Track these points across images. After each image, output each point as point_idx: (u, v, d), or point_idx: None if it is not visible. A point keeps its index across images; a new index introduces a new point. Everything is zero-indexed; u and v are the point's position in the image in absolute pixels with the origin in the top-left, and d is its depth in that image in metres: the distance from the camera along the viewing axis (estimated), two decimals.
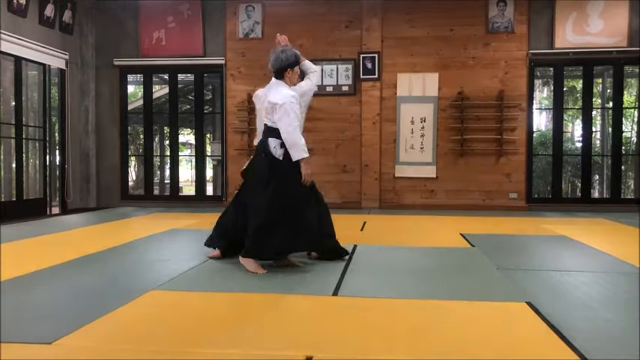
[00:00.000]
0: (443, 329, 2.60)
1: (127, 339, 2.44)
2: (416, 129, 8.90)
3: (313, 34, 9.08)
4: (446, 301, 3.10)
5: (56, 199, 9.04)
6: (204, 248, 4.76)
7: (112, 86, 9.63)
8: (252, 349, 2.30)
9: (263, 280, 3.67)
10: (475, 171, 8.88)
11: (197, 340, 2.42)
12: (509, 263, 4.24)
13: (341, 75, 9.05)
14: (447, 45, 8.88)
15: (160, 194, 11.88)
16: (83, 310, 2.89)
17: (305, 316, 2.81)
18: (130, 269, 4.06)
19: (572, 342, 2.38)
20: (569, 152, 11.40)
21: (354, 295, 3.23)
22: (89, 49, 9.44)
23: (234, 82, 9.29)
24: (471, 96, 8.82)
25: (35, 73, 8.60)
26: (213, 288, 3.44)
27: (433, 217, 7.65)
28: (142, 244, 5.18)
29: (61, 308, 2.95)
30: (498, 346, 2.35)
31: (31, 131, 8.46)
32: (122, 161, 9.75)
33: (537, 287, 3.44)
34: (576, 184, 11.46)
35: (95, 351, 2.28)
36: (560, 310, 2.88)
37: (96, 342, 2.39)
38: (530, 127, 8.98)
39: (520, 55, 8.77)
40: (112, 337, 2.46)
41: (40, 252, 4.75)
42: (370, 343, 2.40)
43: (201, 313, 2.89)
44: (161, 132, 14.53)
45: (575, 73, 11.28)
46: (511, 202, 8.82)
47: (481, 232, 6.10)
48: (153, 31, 9.38)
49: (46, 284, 3.50)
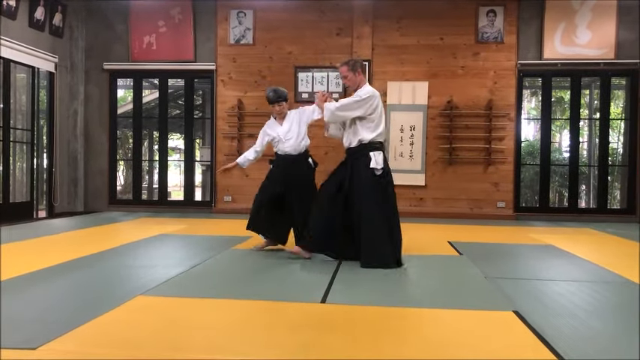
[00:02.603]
0: (430, 337, 2.61)
1: (113, 344, 2.42)
2: (405, 137, 8.94)
3: (304, 41, 9.11)
4: (433, 309, 3.11)
5: (43, 202, 8.98)
6: (191, 254, 4.75)
7: (102, 90, 9.58)
8: (239, 356, 2.29)
9: (251, 287, 3.66)
10: (463, 179, 8.92)
11: (184, 346, 2.41)
12: (496, 272, 4.26)
13: (331, 82, 9.08)
14: (436, 54, 8.94)
15: (149, 199, 11.82)
16: (69, 314, 2.87)
17: (293, 323, 2.80)
18: (117, 274, 4.04)
19: (558, 350, 2.40)
20: (557, 162, 11.51)
21: (343, 303, 3.22)
22: (79, 52, 9.40)
23: (224, 87, 9.29)
24: (460, 105, 8.88)
25: (24, 75, 8.54)
26: (200, 294, 3.42)
27: (421, 225, 7.67)
28: (130, 250, 5.15)
29: (46, 313, 2.92)
30: (485, 354, 2.36)
31: (19, 134, 8.39)
32: (110, 165, 9.70)
33: (524, 296, 3.46)
34: (563, 194, 11.55)
35: (81, 356, 2.26)
36: (546, 319, 2.90)
37: (82, 347, 2.37)
38: (519, 137, 9.05)
39: (509, 66, 8.85)
40: (98, 342, 2.44)
41: (26, 256, 4.70)
42: (358, 350, 2.39)
43: (188, 319, 2.87)
44: (150, 136, 14.47)
45: (563, 84, 11.37)
46: (499, 210, 8.87)
47: (469, 240, 6.12)
48: (144, 36, 9.36)
49: (31, 289, 3.47)
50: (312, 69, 9.09)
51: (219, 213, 9.11)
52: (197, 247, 5.35)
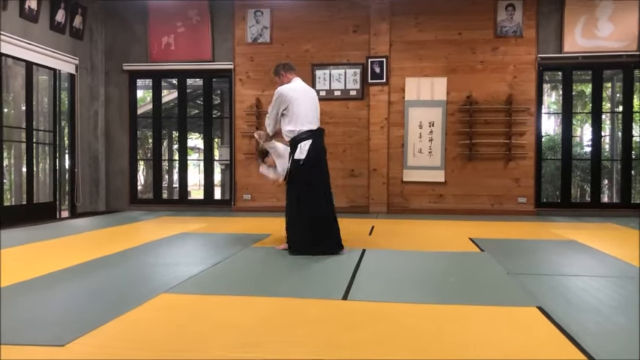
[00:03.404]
0: (453, 333, 2.60)
1: (138, 341, 2.45)
2: (424, 133, 8.90)
3: (321, 39, 9.11)
4: (456, 306, 3.09)
5: (66, 202, 9.10)
6: (212, 252, 4.78)
7: (122, 91, 9.69)
8: (261, 353, 2.30)
9: (273, 285, 3.68)
10: (484, 175, 8.86)
11: (207, 343, 2.43)
12: (518, 268, 4.23)
13: (349, 79, 9.07)
14: (455, 49, 8.88)
15: (169, 198, 11.94)
16: (95, 312, 2.91)
17: (315, 320, 2.81)
18: (140, 273, 4.09)
19: (584, 346, 2.37)
20: (579, 157, 11.36)
21: (364, 300, 3.23)
22: (99, 54, 9.52)
23: (242, 86, 9.33)
24: (480, 100, 8.82)
25: (46, 77, 8.67)
26: (223, 292, 3.45)
27: (441, 222, 7.64)
28: (152, 248, 5.20)
29: (72, 311, 2.97)
30: (509, 350, 2.35)
31: (41, 135, 8.53)
32: (131, 165, 9.81)
33: (547, 292, 3.42)
34: (585, 189, 11.41)
35: (107, 353, 2.30)
36: (570, 315, 2.87)
37: (109, 344, 2.41)
38: (539, 132, 8.95)
39: (529, 60, 8.76)
40: (123, 340, 2.47)
41: (50, 255, 4.78)
42: (380, 347, 2.39)
43: (211, 316, 2.89)
44: (170, 136, 14.60)
45: (584, 77, 11.25)
46: (520, 206, 8.80)
47: (490, 236, 6.08)
48: (162, 36, 9.44)
49: (58, 287, 3.53)
50: (329, 66, 9.09)
51: (239, 211, 9.17)
52: (218, 245, 5.39)
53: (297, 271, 4.12)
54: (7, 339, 2.45)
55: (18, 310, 2.96)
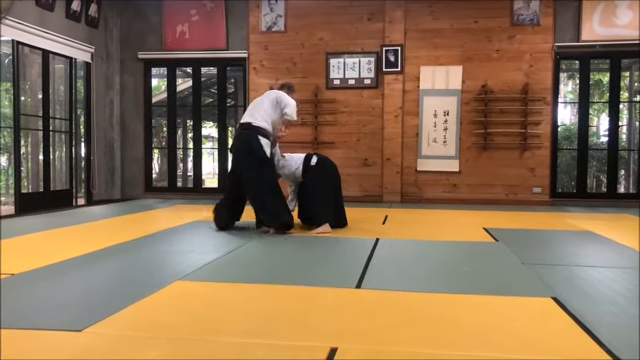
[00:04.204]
0: (467, 322, 2.59)
1: (153, 327, 2.48)
2: (439, 122, 8.85)
3: (335, 27, 9.06)
4: (470, 295, 3.09)
5: (82, 190, 9.19)
6: (227, 240, 4.81)
7: (137, 79, 9.73)
8: (276, 340, 2.32)
9: (286, 273, 3.69)
10: (498, 165, 8.80)
11: (221, 330, 2.45)
12: (533, 258, 4.21)
13: (363, 68, 9.03)
14: (471, 37, 8.79)
15: (183, 186, 11.99)
16: (111, 299, 2.94)
17: (329, 308, 2.82)
18: (155, 260, 4.13)
19: (599, 337, 2.36)
20: (595, 147, 11.24)
21: (378, 288, 3.23)
22: (114, 42, 9.56)
23: (256, 75, 9.32)
24: (495, 89, 8.74)
25: (62, 66, 8.72)
26: (237, 279, 3.47)
27: (456, 212, 7.61)
28: (167, 236, 5.24)
29: (88, 297, 3.01)
30: (524, 340, 2.34)
31: (58, 123, 8.60)
32: (146, 154, 9.87)
33: (563, 282, 3.40)
34: (601, 179, 11.29)
35: (123, 338, 2.33)
36: (586, 306, 2.85)
37: (124, 330, 2.44)
38: (555, 121, 8.87)
39: (545, 48, 8.65)
40: (139, 326, 2.50)
41: (67, 242, 4.84)
42: (394, 335, 2.40)
43: (225, 303, 2.92)
44: (184, 125, 14.65)
45: (601, 66, 11.09)
46: (535, 196, 8.73)
47: (505, 226, 6.05)
48: (176, 25, 9.46)
49: (74, 274, 3.57)
50: (344, 55, 9.05)
51: None
52: (232, 233, 5.42)
53: (311, 260, 4.14)
54: (24, 324, 2.49)
55: (35, 296, 3.00)
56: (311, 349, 2.22)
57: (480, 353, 2.19)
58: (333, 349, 2.20)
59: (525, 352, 2.20)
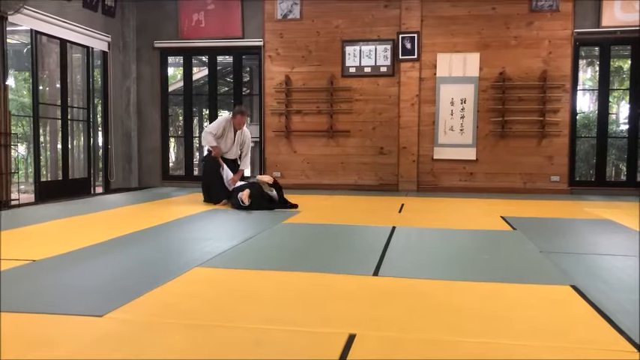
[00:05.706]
0: (484, 310, 2.58)
1: (173, 313, 2.51)
2: (456, 110, 8.78)
3: (352, 15, 9.01)
4: (488, 283, 3.07)
5: (99, 178, 9.29)
6: (244, 227, 4.83)
7: (153, 68, 9.77)
8: (294, 326, 2.33)
9: (303, 260, 3.71)
10: (516, 153, 8.72)
11: (240, 316, 2.47)
12: (552, 246, 4.17)
13: (379, 56, 8.97)
14: (488, 24, 8.69)
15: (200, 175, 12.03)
16: (131, 285, 2.98)
17: (347, 295, 2.83)
18: (173, 247, 4.17)
19: (619, 325, 2.34)
20: (614, 134, 11.09)
21: (395, 276, 3.23)
22: (130, 31, 9.59)
23: (272, 63, 9.31)
24: (513, 77, 8.64)
25: (79, 55, 8.79)
26: (255, 266, 3.49)
27: (472, 200, 7.57)
28: (184, 223, 5.28)
29: (109, 283, 3.04)
30: (544, 328, 2.33)
31: (76, 112, 8.67)
32: (163, 142, 9.93)
33: (581, 270, 3.38)
34: (621, 168, 11.15)
35: (143, 324, 2.35)
36: (606, 294, 2.83)
37: (144, 316, 2.47)
38: (574, 109, 8.75)
39: (564, 35, 8.53)
40: (158, 311, 2.53)
41: (86, 230, 4.90)
42: (412, 322, 2.40)
43: (243, 290, 2.94)
44: (200, 114, 14.70)
45: (622, 52, 10.91)
46: (553, 185, 8.65)
47: (522, 215, 6.01)
48: (192, 13, 9.46)
49: (94, 260, 3.62)
50: (359, 42, 9.00)
51: None
52: (248, 221, 5.45)
53: (328, 248, 4.14)
54: (46, 309, 2.53)
55: (57, 282, 3.05)
56: (330, 335, 2.22)
57: (497, 340, 2.19)
58: (351, 335, 2.20)
59: (544, 339, 2.19)
